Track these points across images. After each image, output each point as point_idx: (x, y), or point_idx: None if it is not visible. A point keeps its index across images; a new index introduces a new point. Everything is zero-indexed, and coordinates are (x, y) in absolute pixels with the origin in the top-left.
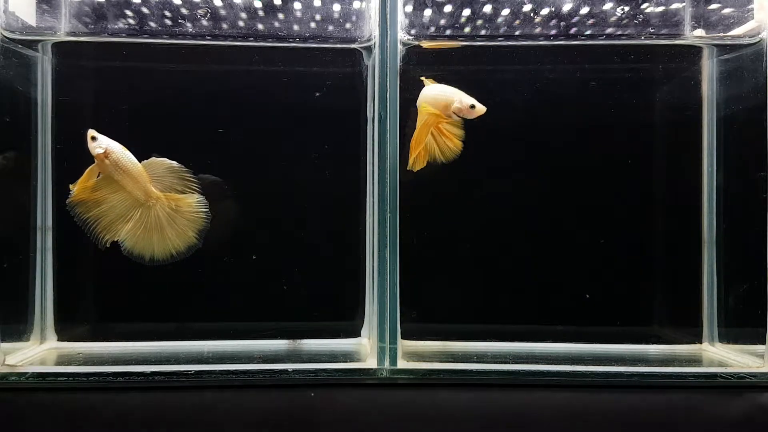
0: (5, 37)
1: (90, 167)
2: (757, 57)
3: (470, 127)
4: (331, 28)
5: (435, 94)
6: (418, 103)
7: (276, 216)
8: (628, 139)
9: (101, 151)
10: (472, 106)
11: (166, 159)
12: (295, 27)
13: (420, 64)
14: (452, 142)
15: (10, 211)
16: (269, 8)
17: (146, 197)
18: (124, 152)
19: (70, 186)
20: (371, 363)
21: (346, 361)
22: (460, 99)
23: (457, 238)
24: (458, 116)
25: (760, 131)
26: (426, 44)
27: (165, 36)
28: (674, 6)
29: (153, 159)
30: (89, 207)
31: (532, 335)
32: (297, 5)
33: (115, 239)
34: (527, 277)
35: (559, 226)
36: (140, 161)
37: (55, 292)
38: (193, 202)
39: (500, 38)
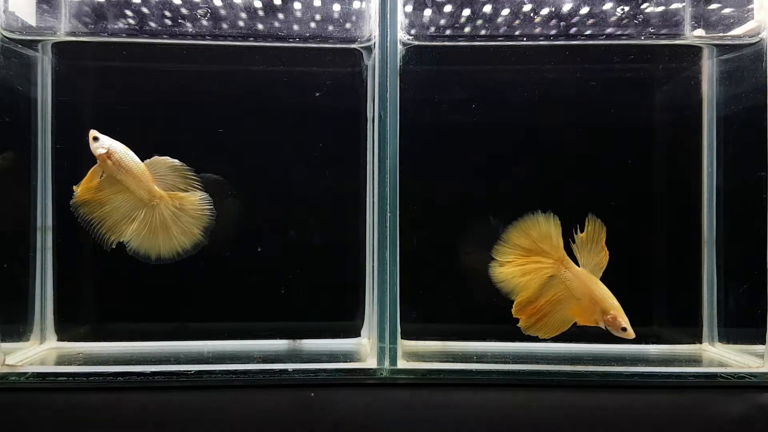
0: (5, 37)
1: (93, 168)
2: (757, 57)
3: (471, 127)
4: (331, 28)
5: (600, 295)
6: (564, 276)
7: (276, 216)
8: (628, 139)
9: (104, 151)
10: (624, 329)
11: (168, 158)
12: (295, 27)
13: (420, 64)
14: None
15: (10, 211)
16: (269, 8)
17: (150, 196)
18: (127, 152)
19: (74, 187)
20: (371, 363)
21: (346, 361)
22: (615, 316)
23: (457, 238)
24: (603, 324)
25: (760, 131)
26: None
27: (165, 36)
28: (674, 6)
29: (155, 158)
30: (93, 208)
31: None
32: (297, 5)
33: (121, 240)
34: None
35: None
36: (142, 161)
37: (55, 292)
38: (197, 200)
39: (500, 38)
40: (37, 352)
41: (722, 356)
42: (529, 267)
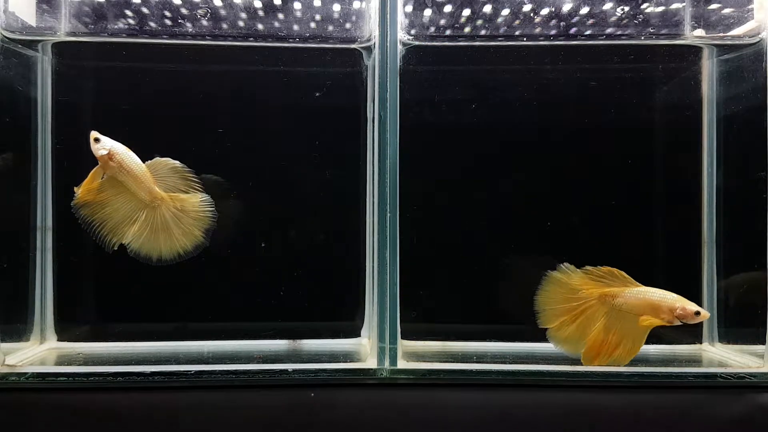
0: (5, 37)
1: (94, 169)
2: (757, 57)
3: (471, 127)
4: (331, 28)
5: (658, 298)
6: (620, 302)
7: (276, 216)
8: (628, 139)
9: (105, 152)
10: (697, 313)
11: (170, 159)
12: (295, 27)
13: (420, 64)
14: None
15: (10, 211)
16: (269, 8)
17: (151, 198)
18: (128, 153)
19: (75, 189)
20: (371, 363)
21: (346, 361)
22: (683, 306)
23: (457, 238)
24: (678, 321)
25: (760, 131)
26: None
27: (165, 36)
28: (674, 6)
29: (156, 159)
30: (94, 209)
31: (532, 335)
32: (297, 5)
33: (122, 241)
34: (527, 277)
35: (560, 226)
36: (142, 162)
37: (55, 292)
38: (198, 202)
39: (500, 38)
40: (37, 352)
41: (722, 356)
42: (582, 321)
